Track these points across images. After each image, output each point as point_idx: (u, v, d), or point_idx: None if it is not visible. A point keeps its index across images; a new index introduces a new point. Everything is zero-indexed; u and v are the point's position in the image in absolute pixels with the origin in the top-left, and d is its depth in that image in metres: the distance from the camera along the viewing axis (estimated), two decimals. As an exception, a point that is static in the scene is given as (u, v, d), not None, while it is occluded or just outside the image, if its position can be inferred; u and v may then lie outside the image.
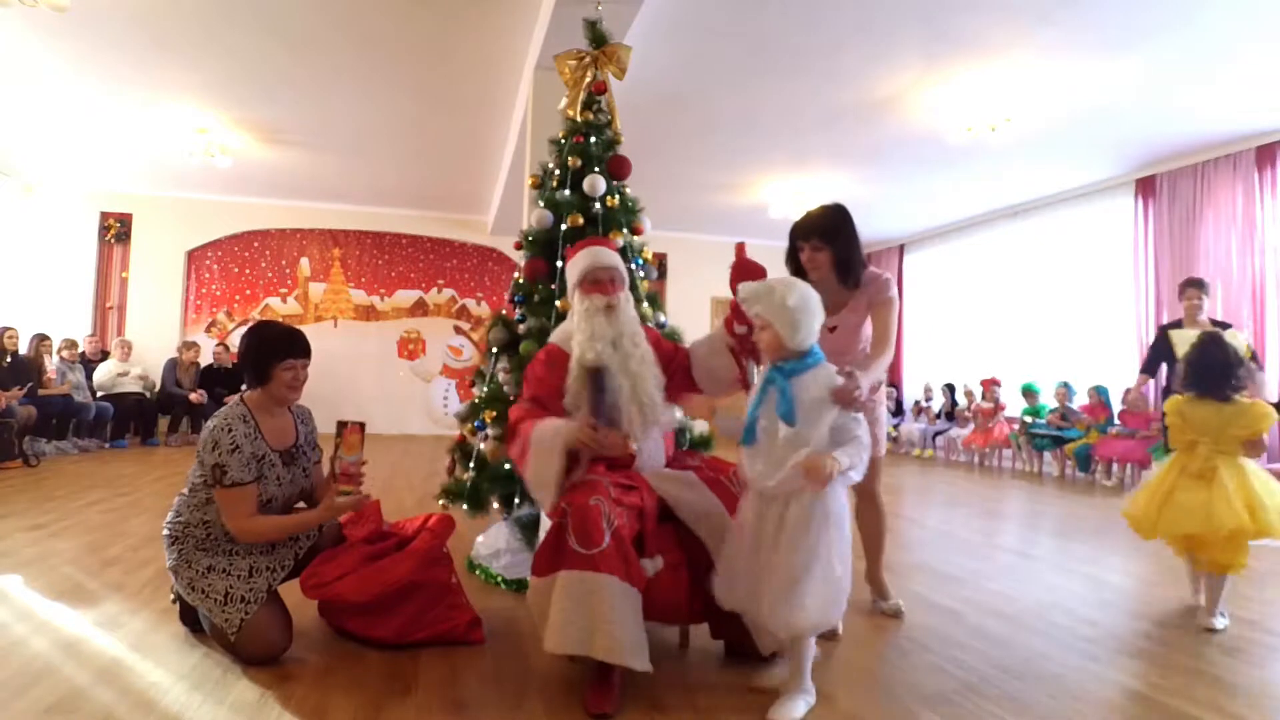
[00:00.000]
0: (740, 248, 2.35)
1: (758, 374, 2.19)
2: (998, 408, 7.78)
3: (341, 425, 2.18)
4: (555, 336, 2.25)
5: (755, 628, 2.02)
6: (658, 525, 2.02)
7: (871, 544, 2.65)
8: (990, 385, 7.86)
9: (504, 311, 3.14)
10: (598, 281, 2.13)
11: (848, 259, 2.37)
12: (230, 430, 2.08)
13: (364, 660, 2.06)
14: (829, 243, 2.36)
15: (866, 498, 2.62)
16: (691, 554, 2.02)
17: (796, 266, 2.45)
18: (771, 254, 2.37)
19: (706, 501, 2.04)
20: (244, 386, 2.25)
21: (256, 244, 9.26)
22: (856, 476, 1.80)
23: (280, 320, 6.05)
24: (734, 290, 2.00)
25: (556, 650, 1.76)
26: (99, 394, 7.45)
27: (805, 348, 1.84)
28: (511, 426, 2.10)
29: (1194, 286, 4.50)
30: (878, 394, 2.53)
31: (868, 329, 2.46)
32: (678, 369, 2.22)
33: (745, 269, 2.25)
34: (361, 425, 2.20)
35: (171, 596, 2.32)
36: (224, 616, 2.00)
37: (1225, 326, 4.41)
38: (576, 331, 2.09)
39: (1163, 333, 4.68)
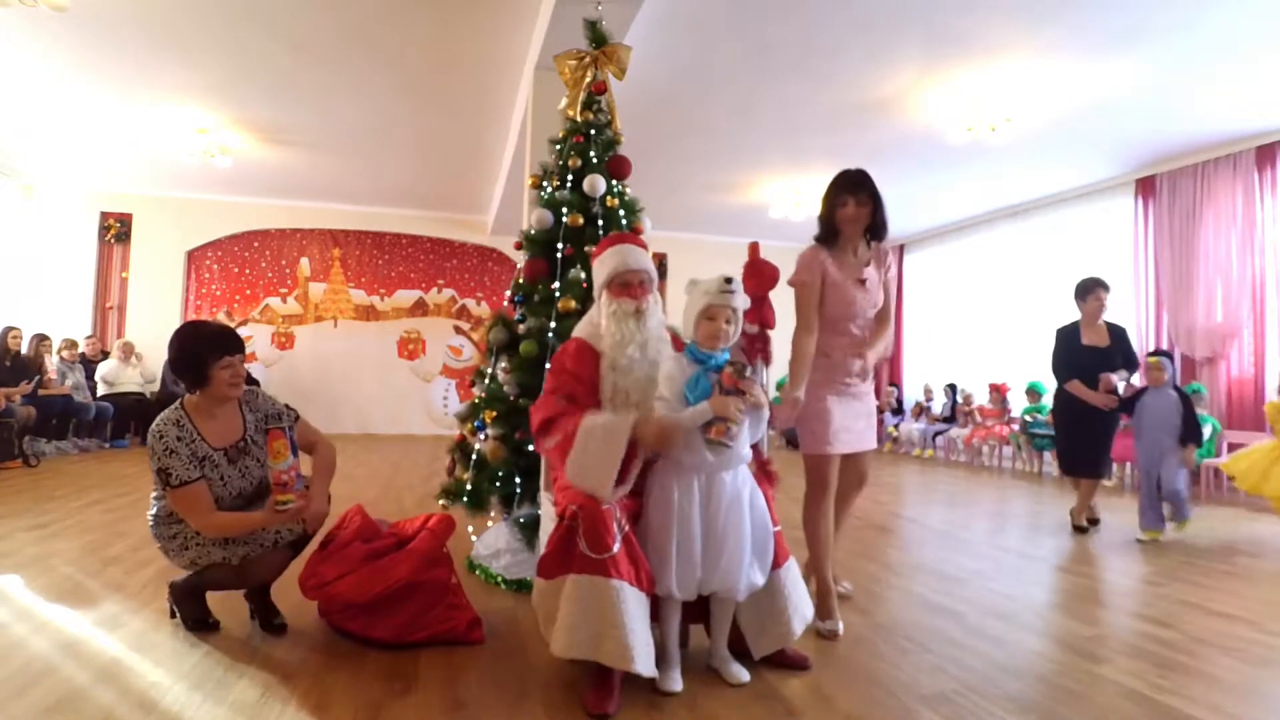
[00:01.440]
0: (754, 247, 2.35)
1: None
2: (1004, 411, 7.78)
3: (267, 432, 2.08)
4: (583, 331, 2.14)
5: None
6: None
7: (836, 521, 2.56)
8: (1000, 391, 7.83)
9: (504, 311, 3.15)
10: (627, 284, 2.08)
11: (883, 218, 2.46)
12: (162, 436, 2.07)
13: (364, 660, 2.06)
14: (874, 200, 2.43)
15: (857, 483, 2.63)
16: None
17: (830, 219, 2.46)
18: (775, 254, 2.36)
19: None
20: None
21: (256, 244, 9.26)
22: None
23: (211, 320, 5.79)
24: (748, 291, 2.02)
25: (564, 655, 1.76)
26: (103, 388, 7.47)
27: None
28: (547, 420, 1.99)
29: (1101, 287, 4.18)
30: (868, 384, 2.55)
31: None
32: None
33: (759, 269, 2.25)
34: (284, 428, 2.07)
35: (168, 608, 2.31)
36: (223, 555, 2.16)
37: (1121, 328, 4.20)
38: (606, 334, 2.06)
39: (1064, 334, 4.28)
